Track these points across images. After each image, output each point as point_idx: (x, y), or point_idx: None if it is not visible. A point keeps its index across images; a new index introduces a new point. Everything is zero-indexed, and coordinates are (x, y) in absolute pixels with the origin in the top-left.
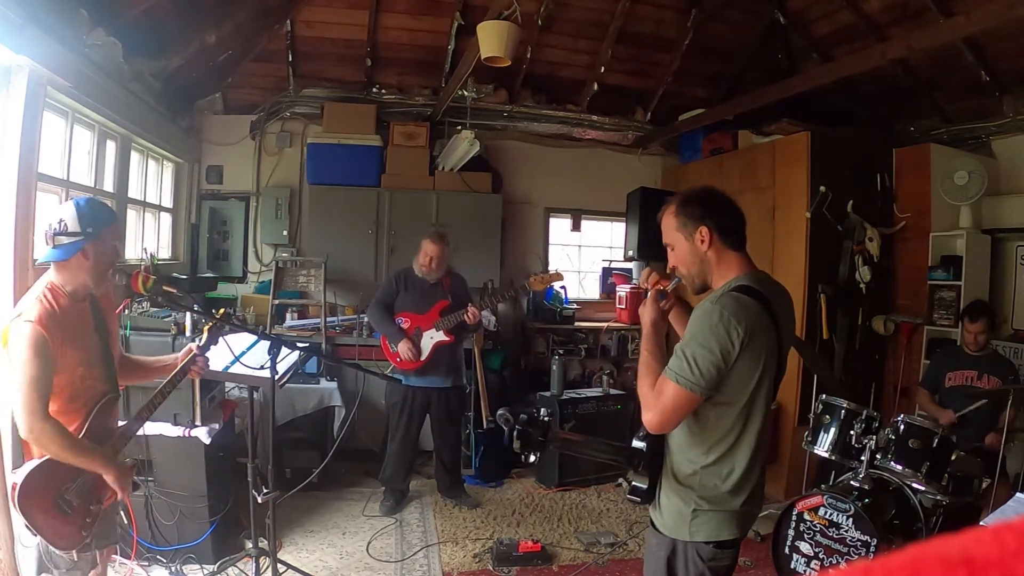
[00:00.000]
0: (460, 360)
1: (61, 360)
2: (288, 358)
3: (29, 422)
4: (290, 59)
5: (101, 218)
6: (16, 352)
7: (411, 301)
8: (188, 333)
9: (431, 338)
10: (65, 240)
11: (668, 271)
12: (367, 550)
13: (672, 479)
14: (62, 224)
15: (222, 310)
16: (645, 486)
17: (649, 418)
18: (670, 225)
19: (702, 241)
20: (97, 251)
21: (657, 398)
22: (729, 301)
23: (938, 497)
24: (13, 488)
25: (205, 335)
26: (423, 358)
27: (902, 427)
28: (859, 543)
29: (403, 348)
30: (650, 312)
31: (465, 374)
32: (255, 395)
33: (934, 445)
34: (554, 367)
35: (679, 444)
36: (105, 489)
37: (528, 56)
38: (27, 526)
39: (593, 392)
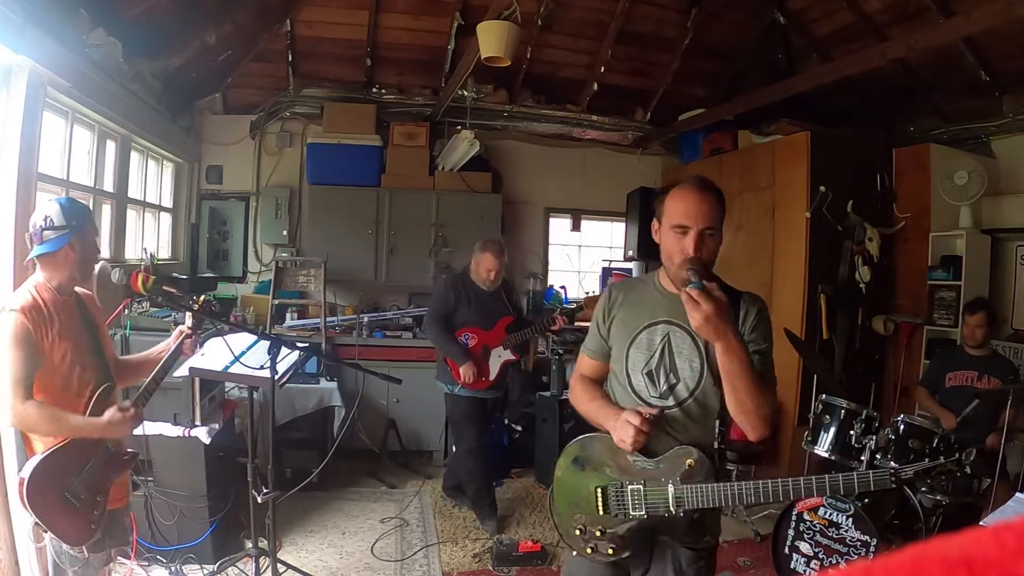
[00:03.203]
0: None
1: (49, 352)
2: (288, 358)
3: (11, 404)
4: (290, 59)
5: (83, 213)
6: (1, 340)
7: (474, 315)
8: (189, 324)
9: (499, 356)
10: (52, 234)
11: (694, 259)
12: (369, 550)
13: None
14: (48, 220)
15: (203, 297)
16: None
17: (768, 424)
18: (717, 213)
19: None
20: (82, 243)
21: (770, 403)
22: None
23: (938, 497)
24: (21, 484)
25: (190, 318)
26: (492, 377)
27: (902, 427)
28: (859, 543)
29: (465, 371)
30: (715, 310)
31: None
32: (255, 395)
33: (934, 445)
34: (554, 367)
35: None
36: (110, 480)
37: (528, 56)
38: (37, 523)
39: None
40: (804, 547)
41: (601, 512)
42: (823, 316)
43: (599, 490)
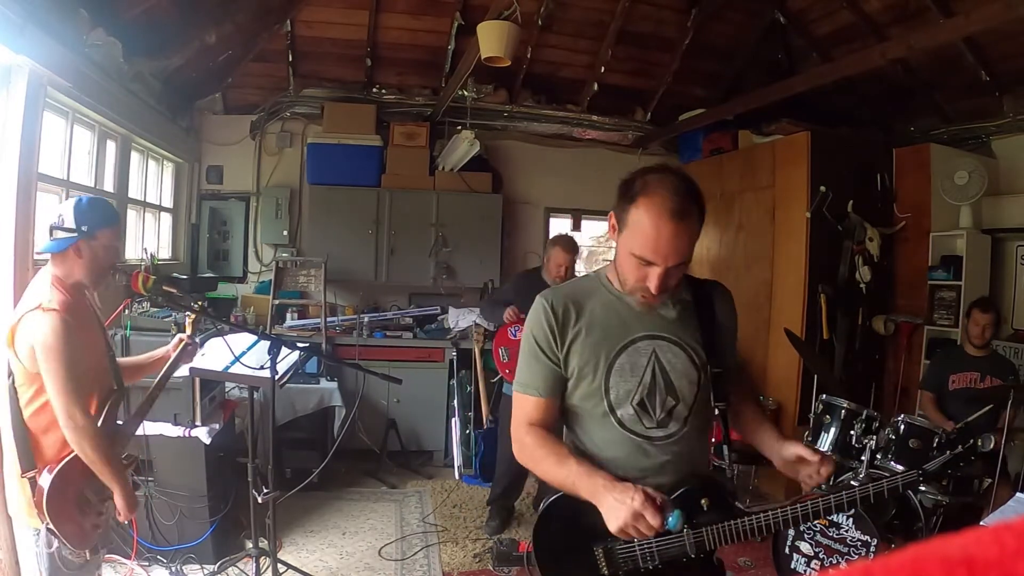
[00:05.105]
0: None
1: (82, 353)
2: (288, 358)
3: (72, 414)
4: (290, 59)
5: (98, 218)
6: (48, 343)
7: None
8: (188, 333)
9: None
10: (61, 234)
11: (657, 291)
12: (368, 550)
13: None
14: (60, 219)
15: (200, 303)
16: None
17: None
18: (693, 239)
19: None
20: (91, 249)
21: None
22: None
23: (938, 497)
24: (41, 491)
25: (190, 326)
26: None
27: (902, 427)
28: (859, 543)
29: (508, 313)
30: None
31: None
32: (255, 395)
33: (934, 445)
34: None
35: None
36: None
37: (528, 56)
38: (50, 529)
39: None
40: (804, 547)
41: (607, 572)
42: (823, 316)
43: (601, 551)
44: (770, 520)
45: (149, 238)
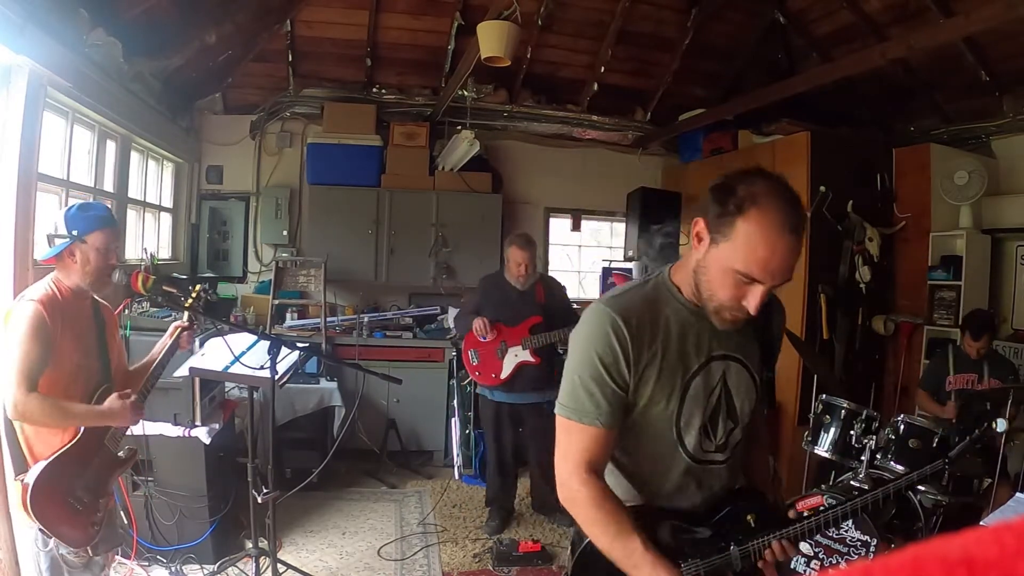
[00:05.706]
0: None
1: (60, 347)
2: (288, 358)
3: (15, 395)
4: (290, 59)
5: (88, 223)
6: (15, 328)
7: (498, 311)
8: (185, 318)
9: (515, 356)
10: (56, 241)
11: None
12: (368, 550)
13: None
14: (55, 226)
15: (198, 287)
16: None
17: None
18: (798, 256)
19: None
20: (82, 252)
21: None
22: None
23: (938, 497)
24: (25, 490)
25: (186, 313)
26: (503, 376)
27: (902, 427)
28: (859, 543)
29: (477, 324)
30: None
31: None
32: (255, 395)
33: (934, 445)
34: (555, 368)
35: None
36: (112, 480)
37: (528, 56)
38: (41, 529)
39: None
40: (804, 547)
41: None
42: (823, 316)
43: None
44: (812, 524)
45: (149, 238)
